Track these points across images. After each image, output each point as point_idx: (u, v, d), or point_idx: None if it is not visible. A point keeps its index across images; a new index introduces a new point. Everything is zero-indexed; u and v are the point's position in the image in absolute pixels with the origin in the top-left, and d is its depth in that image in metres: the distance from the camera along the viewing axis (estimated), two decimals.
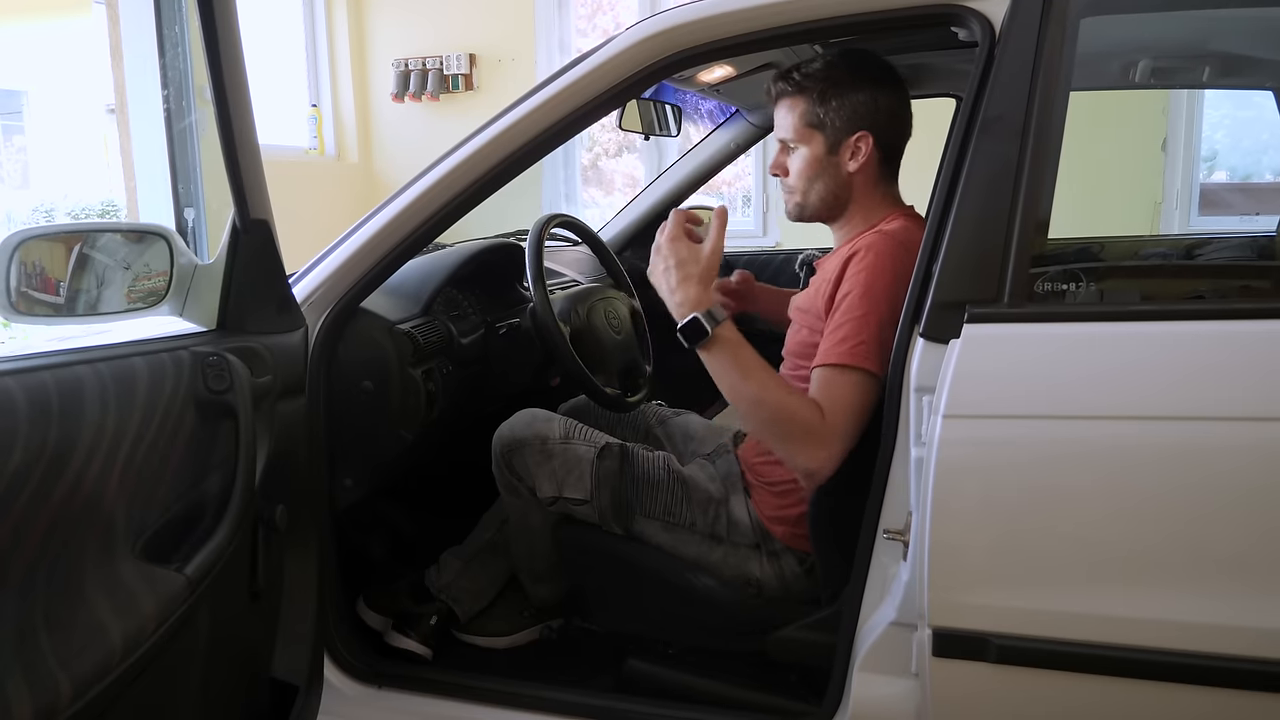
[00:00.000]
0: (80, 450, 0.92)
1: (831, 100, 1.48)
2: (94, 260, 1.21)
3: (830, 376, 1.34)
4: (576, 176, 5.41)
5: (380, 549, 1.95)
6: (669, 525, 1.58)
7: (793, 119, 1.51)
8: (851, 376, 1.32)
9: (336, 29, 5.42)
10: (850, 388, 1.32)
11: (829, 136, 1.50)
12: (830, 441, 1.30)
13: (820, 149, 1.50)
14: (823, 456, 1.30)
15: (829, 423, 1.31)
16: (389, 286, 1.57)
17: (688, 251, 1.37)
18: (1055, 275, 1.81)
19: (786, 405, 1.32)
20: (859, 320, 1.34)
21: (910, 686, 1.24)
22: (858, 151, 1.49)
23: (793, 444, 1.32)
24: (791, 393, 1.34)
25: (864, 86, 1.49)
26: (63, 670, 0.89)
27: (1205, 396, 1.08)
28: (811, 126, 1.50)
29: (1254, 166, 4.58)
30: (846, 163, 1.50)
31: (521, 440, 1.64)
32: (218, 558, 1.09)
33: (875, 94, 1.50)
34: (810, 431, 1.31)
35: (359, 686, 1.55)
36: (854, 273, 1.39)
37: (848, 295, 1.38)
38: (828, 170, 1.51)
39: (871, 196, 1.53)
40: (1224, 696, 1.09)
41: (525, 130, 1.44)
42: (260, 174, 1.24)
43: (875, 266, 1.37)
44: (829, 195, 1.52)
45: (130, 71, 3.98)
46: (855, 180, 1.51)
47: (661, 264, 1.38)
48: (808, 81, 1.50)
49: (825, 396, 1.33)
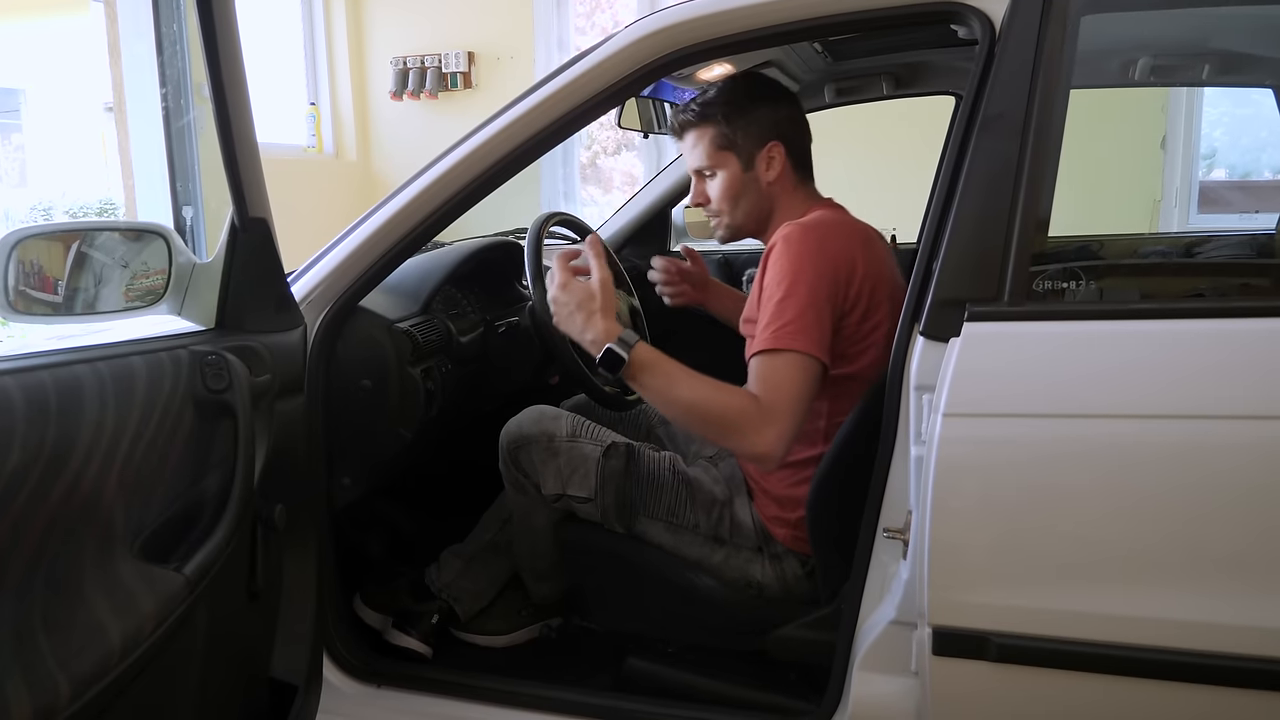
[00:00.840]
0: (78, 450, 0.92)
1: (736, 120, 1.55)
2: (92, 259, 1.21)
3: (759, 363, 1.37)
4: (575, 174, 5.40)
5: (379, 548, 1.95)
6: (672, 526, 1.58)
7: (704, 146, 1.57)
8: (780, 359, 1.35)
9: (335, 27, 5.41)
10: (782, 369, 1.35)
11: (742, 154, 1.55)
12: (770, 421, 1.32)
13: (736, 168, 1.56)
14: (768, 438, 1.32)
15: (765, 405, 1.33)
16: (388, 285, 1.57)
17: (583, 291, 1.41)
18: (1055, 273, 1.81)
19: (718, 400, 1.35)
20: (778, 305, 1.37)
21: (910, 685, 1.24)
22: (772, 162, 1.55)
23: (735, 434, 1.34)
24: (721, 388, 1.36)
25: (761, 102, 1.56)
26: (61, 670, 0.88)
27: (1205, 395, 1.07)
28: (723, 149, 1.56)
29: (1253, 164, 4.57)
30: (764, 175, 1.56)
31: (529, 437, 1.64)
32: (216, 557, 1.09)
33: (774, 106, 1.56)
34: (748, 418, 1.33)
35: (358, 685, 1.55)
36: (770, 267, 1.43)
37: (767, 286, 1.42)
38: (748, 186, 1.57)
39: (792, 200, 1.58)
40: (1223, 695, 1.09)
41: (524, 128, 1.44)
42: (259, 172, 1.23)
43: (786, 253, 1.41)
44: (754, 209, 1.58)
45: (128, 70, 3.97)
46: (774, 190, 1.57)
47: (564, 311, 1.42)
48: (709, 109, 1.56)
49: (759, 381, 1.36)
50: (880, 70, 2.36)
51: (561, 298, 1.42)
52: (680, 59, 1.40)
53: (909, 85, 2.41)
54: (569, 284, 1.42)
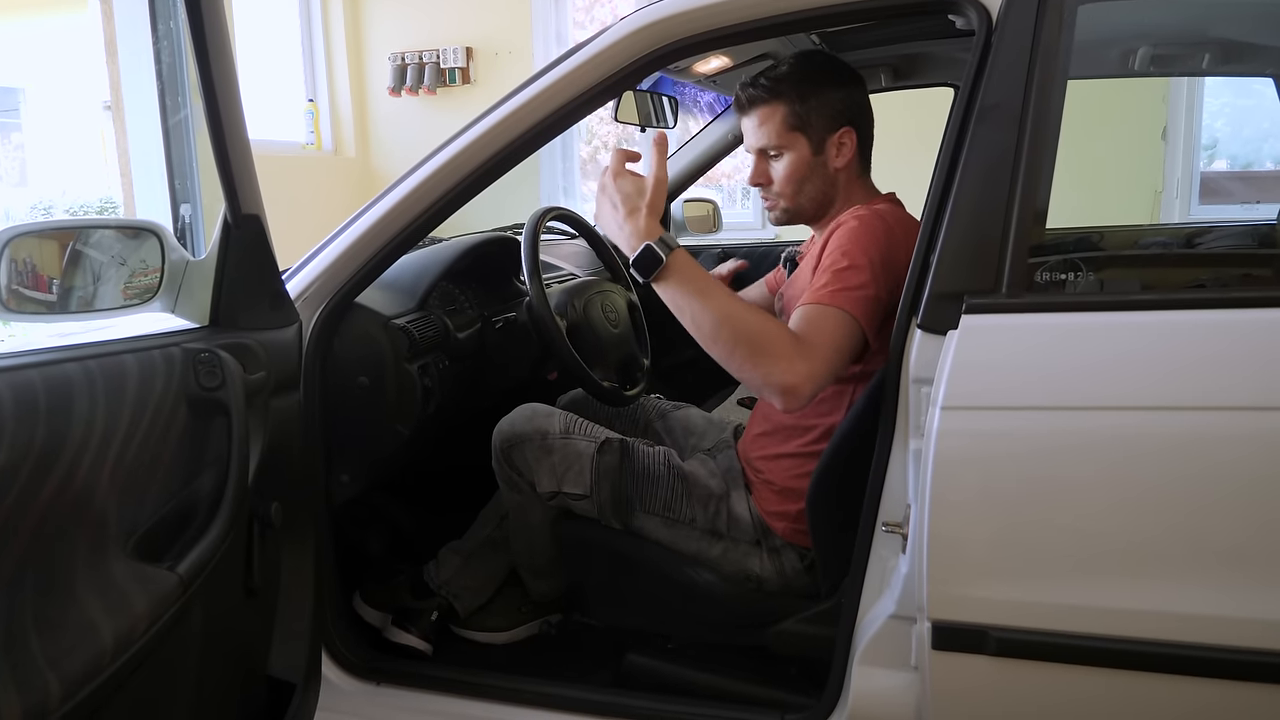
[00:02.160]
0: (69, 448, 0.91)
1: (811, 100, 1.49)
2: (87, 257, 1.20)
3: (805, 310, 1.34)
4: (575, 170, 5.40)
5: (377, 544, 1.95)
6: (669, 521, 1.57)
7: (773, 125, 1.51)
8: (829, 312, 1.32)
9: (332, 23, 5.41)
10: (828, 319, 1.31)
11: (813, 137, 1.51)
12: (805, 356, 1.26)
13: (806, 151, 1.52)
14: (801, 371, 1.25)
15: (805, 342, 1.28)
16: (384, 281, 1.57)
17: (632, 185, 1.34)
18: (1054, 265, 1.80)
19: (754, 321, 1.29)
20: (839, 271, 1.35)
21: (910, 679, 1.24)
22: (842, 148, 1.52)
23: (766, 359, 1.26)
24: (759, 312, 1.31)
25: (836, 84, 1.52)
26: (52, 670, 0.88)
27: (1206, 386, 1.07)
28: (794, 129, 1.51)
29: (1254, 154, 4.56)
30: (832, 160, 1.52)
31: (521, 435, 1.63)
32: (211, 556, 1.08)
33: (848, 90, 1.52)
34: (784, 344, 1.27)
35: (357, 683, 1.54)
36: (834, 243, 1.40)
37: (829, 256, 1.39)
38: (815, 171, 1.53)
39: (855, 189, 1.55)
40: (1224, 688, 1.08)
41: (521, 122, 1.43)
42: (251, 168, 1.23)
43: (857, 232, 1.39)
44: (817, 195, 1.54)
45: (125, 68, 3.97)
46: (840, 177, 1.54)
47: (608, 203, 1.35)
48: (782, 85, 1.50)
49: (802, 321, 1.32)
50: (878, 62, 2.35)
51: (610, 186, 1.34)
52: (676, 51, 1.39)
53: (907, 77, 2.39)
54: (620, 174, 1.35)
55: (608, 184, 1.35)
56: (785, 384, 1.26)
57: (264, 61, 5.29)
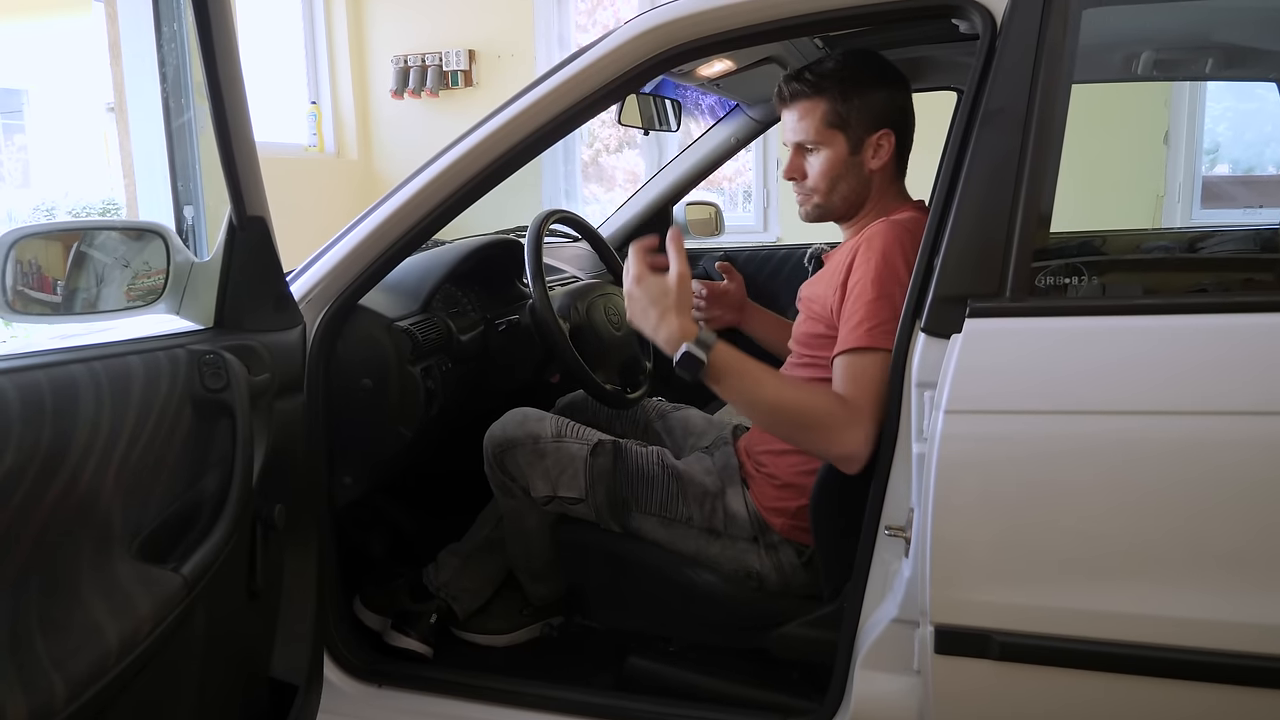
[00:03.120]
0: (75, 450, 0.91)
1: (854, 99, 1.48)
2: (92, 258, 1.21)
3: (850, 361, 1.34)
4: (577, 173, 5.40)
5: (380, 547, 1.95)
6: (665, 520, 1.57)
7: (813, 120, 1.49)
8: (871, 357, 1.32)
9: (335, 26, 5.41)
10: (871, 367, 1.31)
11: (852, 136, 1.49)
12: (857, 422, 1.29)
13: (843, 149, 1.50)
14: (856, 439, 1.28)
15: (853, 405, 1.30)
16: (387, 283, 1.57)
17: (657, 287, 1.36)
18: (1057, 269, 1.80)
19: (806, 400, 1.33)
20: (872, 304, 1.34)
21: (912, 684, 1.23)
22: (880, 149, 1.50)
23: (822, 436, 1.30)
24: (805, 388, 1.35)
25: (881, 85, 1.50)
26: (57, 671, 0.88)
27: (1208, 390, 1.07)
28: (834, 127, 1.49)
29: (1257, 159, 4.56)
30: (869, 161, 1.50)
31: (513, 440, 1.63)
32: (215, 557, 1.08)
33: (891, 92, 1.51)
34: (835, 418, 1.30)
35: (359, 685, 1.54)
36: (863, 260, 1.39)
37: (859, 282, 1.38)
38: (851, 170, 1.51)
39: (887, 193, 1.54)
40: (1225, 693, 1.08)
41: (523, 125, 1.43)
42: (256, 171, 1.23)
43: (885, 251, 1.37)
44: (850, 195, 1.53)
45: (129, 69, 3.97)
46: (874, 179, 1.52)
47: (637, 307, 1.38)
48: (826, 82, 1.48)
49: (848, 380, 1.33)
50: None
51: (635, 292, 1.37)
52: (680, 55, 1.39)
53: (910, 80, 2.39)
54: (643, 278, 1.37)
55: (633, 290, 1.37)
56: (843, 455, 1.30)
57: (266, 64, 5.29)
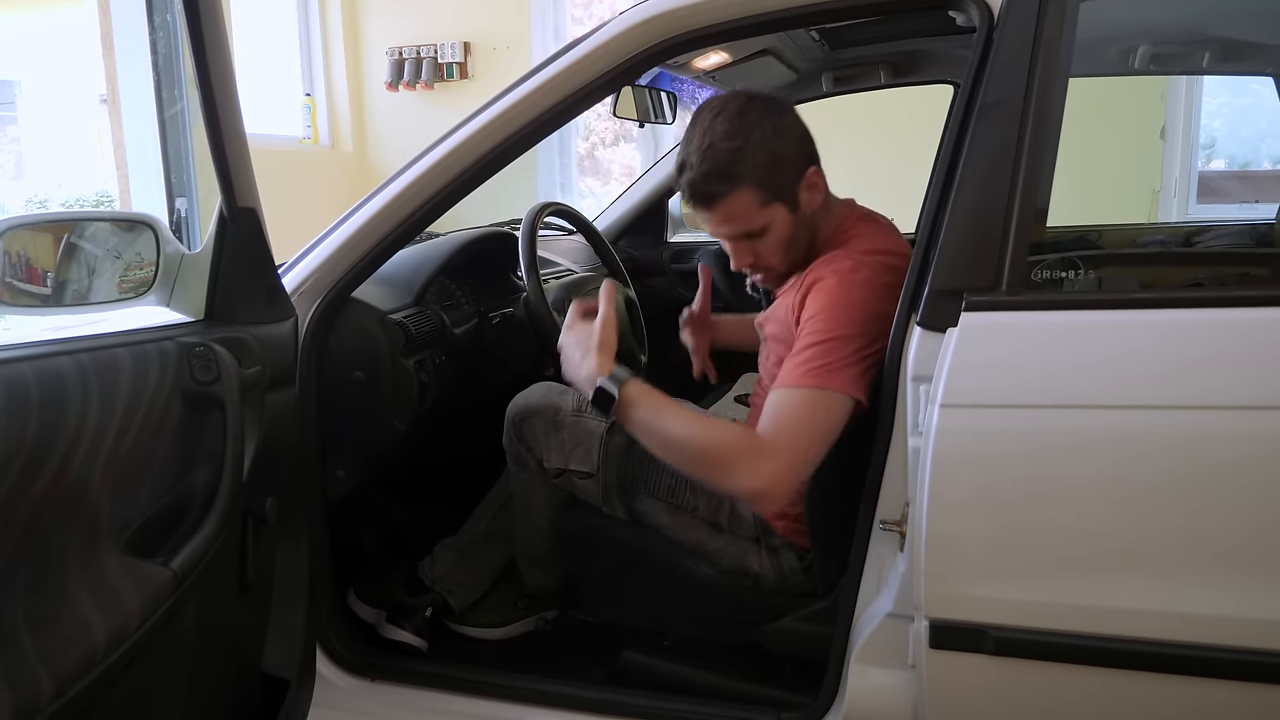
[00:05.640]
0: (62, 442, 0.91)
1: (774, 164, 1.35)
2: (82, 250, 1.20)
3: (776, 398, 1.27)
4: (572, 166, 5.38)
5: (373, 540, 1.94)
6: (672, 506, 1.57)
7: (746, 210, 1.36)
8: (798, 394, 1.25)
9: (330, 18, 5.39)
10: (798, 405, 1.24)
11: (787, 197, 1.38)
12: (766, 457, 1.21)
13: (786, 215, 1.39)
14: (763, 474, 1.20)
15: (766, 441, 1.23)
16: (381, 276, 1.56)
17: (583, 332, 1.36)
18: (1053, 263, 1.80)
19: (710, 433, 1.26)
20: (824, 346, 1.27)
21: (907, 678, 1.23)
22: (814, 187, 1.40)
23: (729, 470, 1.23)
24: (715, 424, 1.29)
25: (780, 129, 1.36)
26: (44, 667, 0.87)
27: (1204, 385, 1.06)
28: (769, 203, 1.37)
29: (1253, 154, 4.56)
30: (809, 205, 1.41)
31: (534, 409, 1.63)
32: (205, 551, 1.08)
33: (789, 127, 1.38)
34: (741, 451, 1.23)
35: (352, 679, 1.54)
36: (815, 304, 1.32)
37: (810, 320, 1.31)
38: (799, 226, 1.41)
39: (828, 217, 1.46)
40: (1223, 688, 1.08)
41: (518, 117, 1.42)
42: (247, 162, 1.22)
43: (836, 292, 1.31)
44: (804, 245, 1.44)
45: (121, 61, 3.95)
46: (817, 215, 1.43)
47: (566, 354, 1.37)
48: (739, 169, 1.34)
49: (768, 415, 1.26)
50: (878, 58, 2.35)
51: (566, 340, 1.38)
52: (675, 47, 1.38)
53: (907, 74, 2.39)
54: (574, 326, 1.38)
55: (564, 339, 1.38)
56: (750, 490, 1.23)
57: (261, 55, 5.27)
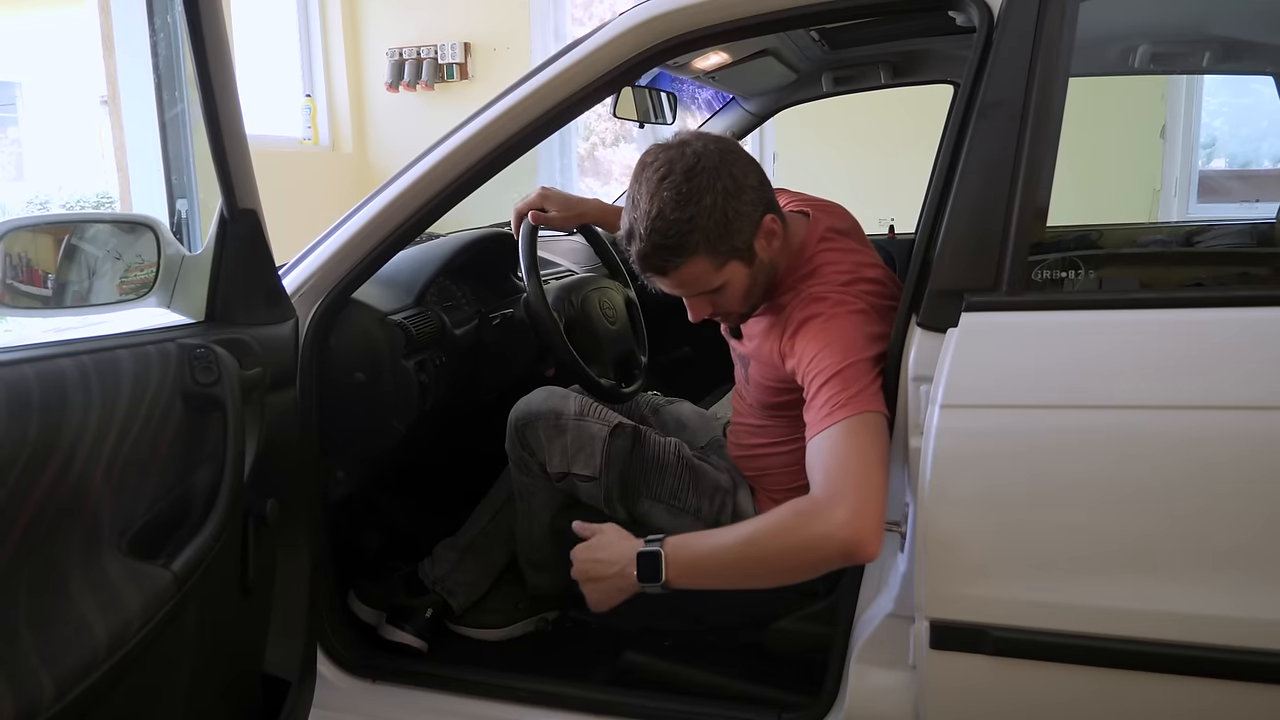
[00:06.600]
0: (63, 444, 0.91)
1: (726, 225, 1.30)
2: (82, 252, 1.20)
3: (816, 446, 1.23)
4: (573, 166, 5.39)
5: (373, 541, 1.94)
6: (673, 509, 1.57)
7: (703, 272, 1.33)
8: (838, 431, 1.21)
9: (330, 18, 5.39)
10: (842, 441, 1.20)
11: (744, 251, 1.33)
12: (837, 503, 1.16)
13: (743, 268, 1.35)
14: (840, 520, 1.14)
15: (827, 490, 1.18)
16: (381, 277, 1.56)
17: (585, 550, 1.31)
18: (1053, 263, 1.80)
19: (767, 521, 1.22)
20: (841, 377, 1.24)
21: (908, 678, 1.23)
22: (772, 234, 1.35)
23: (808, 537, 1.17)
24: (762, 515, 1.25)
25: (732, 187, 1.30)
26: (45, 668, 0.87)
27: (1205, 385, 1.06)
28: (725, 264, 1.33)
29: (1253, 153, 4.56)
30: (766, 251, 1.36)
31: (537, 413, 1.63)
32: (206, 553, 1.08)
33: (740, 181, 1.31)
34: (809, 514, 1.18)
35: (352, 680, 1.54)
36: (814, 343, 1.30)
37: (815, 362, 1.28)
38: (758, 273, 1.37)
39: (789, 249, 1.42)
40: (1223, 688, 1.08)
41: (519, 118, 1.42)
42: (248, 163, 1.22)
43: (830, 328, 1.29)
44: (765, 287, 1.41)
45: (122, 62, 3.95)
46: (777, 255, 1.39)
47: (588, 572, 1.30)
48: (689, 238, 1.29)
49: (818, 467, 1.22)
50: (878, 58, 2.35)
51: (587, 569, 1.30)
52: (675, 47, 1.38)
53: (907, 74, 2.39)
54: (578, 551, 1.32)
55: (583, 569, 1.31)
56: (840, 543, 1.14)
57: (261, 56, 5.27)
